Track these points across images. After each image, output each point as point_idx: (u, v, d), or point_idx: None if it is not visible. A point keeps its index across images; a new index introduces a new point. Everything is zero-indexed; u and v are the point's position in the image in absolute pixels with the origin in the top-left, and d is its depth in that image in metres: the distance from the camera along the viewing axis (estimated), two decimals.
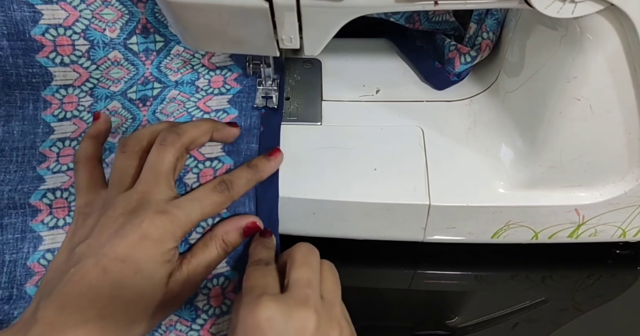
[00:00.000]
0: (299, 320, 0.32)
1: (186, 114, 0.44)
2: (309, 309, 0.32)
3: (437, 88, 0.48)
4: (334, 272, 0.37)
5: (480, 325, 0.46)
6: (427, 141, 0.45)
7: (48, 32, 0.43)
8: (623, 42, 0.33)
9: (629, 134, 0.38)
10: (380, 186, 0.43)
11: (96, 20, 0.44)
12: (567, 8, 0.31)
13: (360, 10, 0.33)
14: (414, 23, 0.48)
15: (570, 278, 0.49)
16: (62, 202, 0.41)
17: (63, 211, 0.41)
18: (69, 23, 0.43)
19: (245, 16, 0.33)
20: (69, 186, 0.42)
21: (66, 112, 0.43)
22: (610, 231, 0.46)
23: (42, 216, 0.41)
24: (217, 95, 0.45)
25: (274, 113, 0.45)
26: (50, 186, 0.41)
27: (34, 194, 0.41)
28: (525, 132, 0.42)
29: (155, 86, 0.45)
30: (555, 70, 0.37)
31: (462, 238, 0.46)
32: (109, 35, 0.44)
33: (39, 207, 0.41)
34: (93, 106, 0.44)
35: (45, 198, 0.41)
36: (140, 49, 0.45)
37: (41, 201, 0.41)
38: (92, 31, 0.44)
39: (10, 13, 0.41)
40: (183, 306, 0.39)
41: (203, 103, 0.45)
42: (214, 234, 0.39)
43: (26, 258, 0.40)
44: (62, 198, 0.41)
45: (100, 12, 0.44)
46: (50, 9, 0.42)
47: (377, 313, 0.47)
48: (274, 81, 0.45)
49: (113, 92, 0.45)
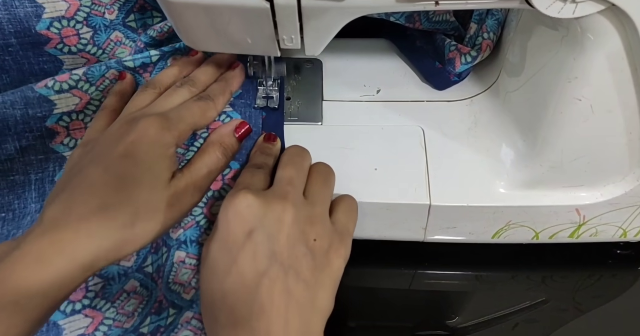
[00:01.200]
0: (276, 210, 0.34)
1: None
2: (286, 202, 0.34)
3: (438, 88, 0.48)
4: (324, 174, 0.39)
5: (480, 325, 0.46)
6: (427, 141, 0.45)
7: (53, 26, 0.43)
8: (624, 42, 0.33)
9: (630, 134, 0.38)
10: (381, 186, 0.43)
11: (95, 5, 0.44)
12: (568, 8, 0.31)
13: (361, 11, 0.33)
14: (414, 23, 0.48)
15: (570, 278, 0.49)
16: (79, 123, 0.42)
17: (80, 132, 0.42)
18: (71, 14, 0.43)
19: (246, 16, 0.33)
20: (82, 108, 0.42)
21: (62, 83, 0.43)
22: (611, 231, 0.46)
23: (61, 138, 0.42)
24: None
25: (276, 113, 0.45)
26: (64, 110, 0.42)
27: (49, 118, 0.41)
28: (526, 132, 0.42)
29: (153, 53, 0.44)
30: (556, 70, 0.37)
31: (463, 238, 0.46)
32: (108, 18, 0.45)
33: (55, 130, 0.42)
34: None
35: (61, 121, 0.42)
36: (139, 25, 0.46)
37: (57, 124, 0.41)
38: (93, 17, 0.44)
39: (13, 10, 0.42)
40: (198, 302, 0.39)
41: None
42: (210, 141, 0.40)
43: (53, 176, 0.42)
44: (78, 120, 0.42)
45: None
46: (51, 2, 0.42)
47: (377, 313, 0.47)
48: (275, 81, 0.45)
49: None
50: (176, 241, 0.40)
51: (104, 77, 0.42)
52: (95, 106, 0.42)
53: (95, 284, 0.38)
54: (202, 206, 0.41)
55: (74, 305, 0.38)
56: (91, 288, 0.38)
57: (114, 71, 0.42)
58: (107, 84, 0.42)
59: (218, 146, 0.40)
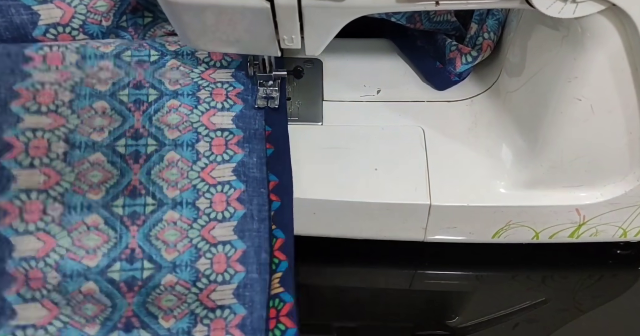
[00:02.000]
0: None
1: (192, 130, 0.43)
2: None
3: (438, 88, 0.48)
4: None
5: (480, 325, 0.46)
6: (428, 141, 0.45)
7: (49, 32, 0.43)
8: (624, 42, 0.33)
9: (630, 134, 0.38)
10: (381, 186, 0.43)
11: (91, 14, 0.44)
12: (568, 8, 0.31)
13: (362, 11, 0.33)
14: (415, 23, 0.48)
15: (571, 278, 0.49)
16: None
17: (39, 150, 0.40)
18: (65, 20, 0.43)
19: (247, 16, 0.33)
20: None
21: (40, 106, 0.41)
22: (611, 231, 0.46)
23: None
24: (220, 110, 0.44)
25: (278, 114, 0.45)
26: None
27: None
28: (526, 132, 0.42)
29: (151, 92, 0.43)
30: (556, 70, 0.37)
31: (463, 238, 0.46)
32: (105, 25, 0.45)
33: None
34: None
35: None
36: (129, 24, 0.46)
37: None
38: (89, 25, 0.44)
39: (9, 17, 0.42)
40: (184, 267, 0.38)
41: (207, 119, 0.43)
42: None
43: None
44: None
45: (94, 5, 0.44)
46: (46, 9, 0.43)
47: (377, 313, 0.47)
48: (275, 81, 0.45)
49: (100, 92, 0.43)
50: (171, 200, 0.40)
51: (90, 107, 0.41)
52: (68, 128, 0.41)
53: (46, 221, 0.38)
54: (199, 170, 0.40)
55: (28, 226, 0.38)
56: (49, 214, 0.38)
57: (102, 104, 0.42)
58: (90, 114, 0.41)
59: None
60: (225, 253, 0.40)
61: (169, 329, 0.38)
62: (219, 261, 0.39)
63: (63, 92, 0.41)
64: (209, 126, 0.43)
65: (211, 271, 0.39)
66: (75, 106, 0.42)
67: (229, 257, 0.39)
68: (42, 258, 0.38)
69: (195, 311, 0.38)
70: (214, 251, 0.39)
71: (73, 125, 0.41)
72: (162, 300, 0.38)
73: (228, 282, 0.39)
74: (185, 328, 0.38)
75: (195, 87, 0.44)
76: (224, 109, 0.44)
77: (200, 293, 0.39)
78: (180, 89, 0.44)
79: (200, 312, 0.38)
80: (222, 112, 0.43)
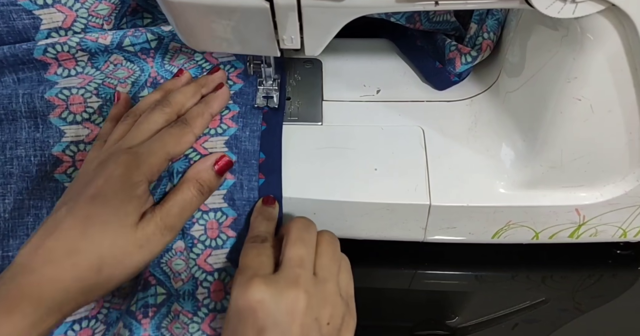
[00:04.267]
0: (289, 300, 0.33)
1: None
2: (299, 289, 0.33)
3: (438, 88, 0.48)
4: (332, 245, 0.38)
5: (480, 325, 0.46)
6: (427, 141, 0.45)
7: (50, 36, 0.44)
8: (624, 42, 0.33)
9: (630, 134, 0.38)
10: (381, 186, 0.43)
11: (93, 17, 0.44)
12: (567, 8, 0.31)
13: (361, 11, 0.33)
14: (414, 23, 0.48)
15: (570, 278, 0.49)
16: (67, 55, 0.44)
17: (71, 62, 0.44)
18: (67, 24, 0.44)
19: (246, 16, 0.33)
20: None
21: (75, 115, 0.43)
22: (610, 231, 0.46)
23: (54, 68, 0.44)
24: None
25: (276, 113, 0.45)
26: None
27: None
28: (526, 132, 0.42)
29: (150, 38, 0.45)
30: (555, 70, 0.37)
31: (463, 238, 0.46)
32: (106, 28, 0.45)
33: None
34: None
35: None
36: (129, 26, 0.46)
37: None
38: (91, 29, 0.45)
39: (11, 23, 0.43)
40: (185, 297, 0.39)
41: None
42: (186, 177, 0.39)
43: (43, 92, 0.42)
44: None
45: (95, 9, 0.44)
46: (48, 13, 0.43)
47: (377, 313, 0.47)
48: (275, 81, 0.45)
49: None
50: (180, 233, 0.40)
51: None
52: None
53: None
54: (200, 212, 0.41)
55: None
56: None
57: (119, 90, 0.44)
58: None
59: (194, 183, 0.38)
60: (217, 219, 0.41)
61: (177, 290, 0.39)
62: (211, 227, 0.41)
63: (91, 98, 0.43)
64: None
65: (206, 237, 0.40)
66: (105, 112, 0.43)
67: (220, 223, 0.41)
68: None
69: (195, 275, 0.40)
70: (206, 217, 0.41)
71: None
72: (172, 262, 0.40)
73: (221, 247, 0.41)
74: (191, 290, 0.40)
75: (199, 71, 0.45)
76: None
77: (197, 258, 0.40)
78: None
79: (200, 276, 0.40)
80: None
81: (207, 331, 0.39)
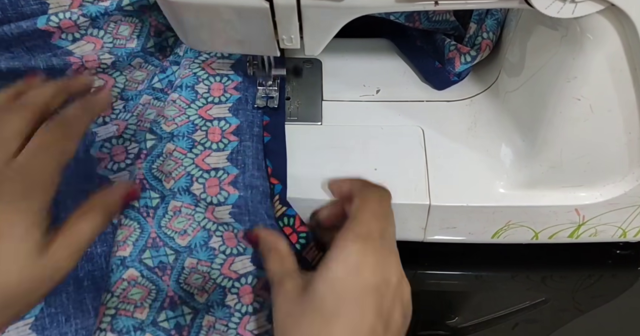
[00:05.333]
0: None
1: (188, 122, 0.43)
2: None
3: (438, 88, 0.48)
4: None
5: (480, 325, 0.46)
6: (427, 140, 0.45)
7: (51, 20, 0.46)
8: (623, 42, 0.33)
9: (629, 133, 0.38)
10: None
11: (117, 40, 0.48)
12: (567, 8, 0.31)
13: (361, 10, 0.33)
14: (413, 22, 0.48)
15: (570, 278, 0.49)
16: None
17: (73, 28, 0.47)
18: (74, 7, 0.47)
19: (246, 16, 0.33)
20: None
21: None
22: (610, 231, 0.46)
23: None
24: (217, 103, 0.45)
25: (276, 114, 0.45)
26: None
27: None
28: (526, 132, 0.42)
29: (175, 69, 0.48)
30: (555, 70, 0.37)
31: (463, 238, 0.46)
32: (130, 47, 0.48)
33: None
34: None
35: None
36: (157, 49, 0.49)
37: None
38: (116, 49, 0.48)
39: (19, 9, 0.45)
40: (217, 307, 0.39)
41: (205, 112, 0.44)
42: (92, 204, 0.33)
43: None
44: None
45: (118, 32, 0.48)
46: (78, 46, 0.47)
47: None
48: (275, 81, 0.45)
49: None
50: (185, 248, 0.40)
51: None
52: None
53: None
54: (196, 109, 0.43)
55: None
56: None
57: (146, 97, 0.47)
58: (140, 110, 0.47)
59: (99, 211, 0.33)
60: (218, 177, 0.42)
61: (206, 303, 0.39)
62: (210, 184, 0.41)
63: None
64: (205, 116, 0.44)
65: (225, 247, 0.40)
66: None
67: (221, 181, 0.42)
68: None
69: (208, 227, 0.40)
70: (206, 176, 0.41)
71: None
72: (191, 279, 0.39)
73: (243, 254, 0.40)
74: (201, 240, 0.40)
75: (194, 79, 0.46)
76: (220, 103, 0.45)
77: (220, 268, 0.40)
78: (180, 81, 0.46)
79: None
80: (218, 106, 0.45)
81: (244, 334, 0.39)
